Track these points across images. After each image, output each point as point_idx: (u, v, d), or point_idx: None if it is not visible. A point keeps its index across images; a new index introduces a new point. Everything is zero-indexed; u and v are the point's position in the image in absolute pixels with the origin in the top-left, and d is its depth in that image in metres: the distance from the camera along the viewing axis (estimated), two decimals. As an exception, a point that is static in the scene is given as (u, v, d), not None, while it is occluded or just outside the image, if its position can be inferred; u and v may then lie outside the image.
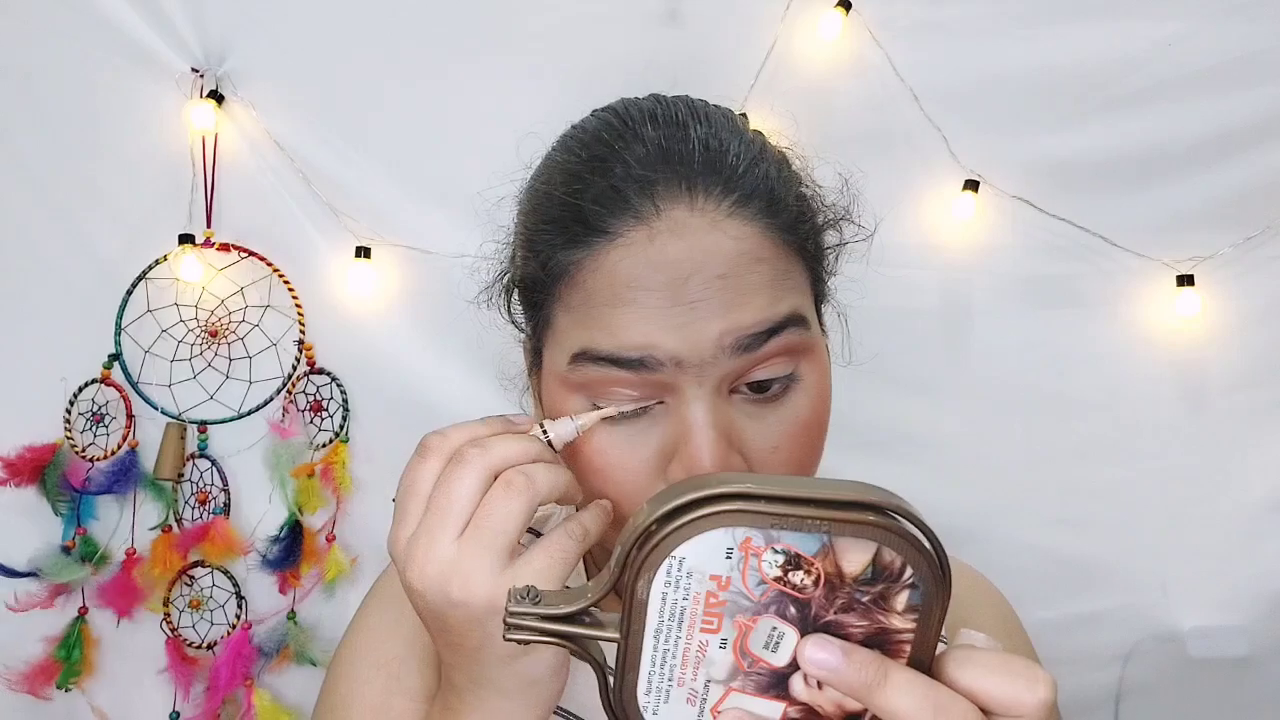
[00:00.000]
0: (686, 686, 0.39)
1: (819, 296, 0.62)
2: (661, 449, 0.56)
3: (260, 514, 1.20)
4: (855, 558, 0.37)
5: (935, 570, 0.37)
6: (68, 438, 1.18)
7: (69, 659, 1.18)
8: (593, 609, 0.41)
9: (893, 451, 1.17)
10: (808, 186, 0.63)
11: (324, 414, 1.21)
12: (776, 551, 0.37)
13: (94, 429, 1.19)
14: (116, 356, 1.19)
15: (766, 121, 1.12)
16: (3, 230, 1.18)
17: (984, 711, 0.38)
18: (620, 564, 0.39)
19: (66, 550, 1.17)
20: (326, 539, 1.20)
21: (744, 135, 0.60)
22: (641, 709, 0.40)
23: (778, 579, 0.37)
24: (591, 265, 0.55)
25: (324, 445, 1.21)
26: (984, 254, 1.17)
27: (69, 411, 1.18)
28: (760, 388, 0.56)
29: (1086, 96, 1.13)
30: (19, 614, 1.16)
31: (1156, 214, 1.15)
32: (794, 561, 0.37)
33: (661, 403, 0.56)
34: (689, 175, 0.56)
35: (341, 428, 1.21)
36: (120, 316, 1.19)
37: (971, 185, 1.15)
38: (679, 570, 0.37)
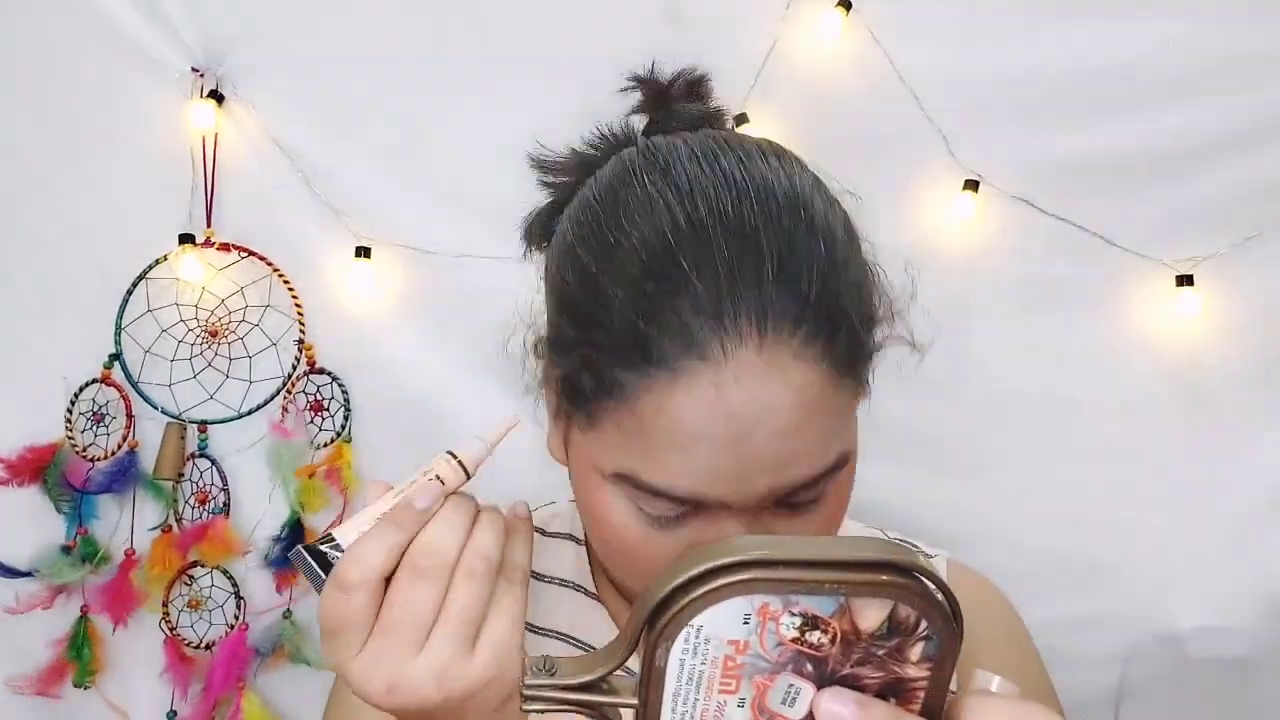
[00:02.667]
0: None
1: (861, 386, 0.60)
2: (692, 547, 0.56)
3: (260, 514, 1.20)
4: (871, 615, 0.37)
5: (949, 623, 0.37)
6: (69, 438, 1.18)
7: (80, 658, 1.18)
8: (609, 676, 0.42)
9: (892, 451, 1.16)
10: (870, 271, 0.60)
11: (324, 414, 1.21)
12: (794, 614, 0.37)
13: (94, 429, 1.19)
14: (117, 356, 1.19)
15: (766, 122, 1.13)
16: (3, 230, 1.18)
17: None
18: (636, 635, 0.39)
19: (67, 550, 1.17)
20: (344, 538, 1.20)
21: (815, 224, 0.55)
22: None
23: (795, 639, 0.38)
24: (649, 398, 0.53)
25: (325, 445, 1.20)
26: (984, 254, 1.17)
27: (70, 411, 1.18)
28: (793, 505, 0.57)
29: (1087, 96, 1.13)
30: (19, 615, 1.15)
31: (1156, 214, 1.14)
32: (811, 623, 0.37)
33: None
34: (760, 306, 0.52)
35: (343, 427, 1.21)
36: (120, 316, 1.19)
37: (971, 185, 1.15)
38: (697, 638, 0.38)
